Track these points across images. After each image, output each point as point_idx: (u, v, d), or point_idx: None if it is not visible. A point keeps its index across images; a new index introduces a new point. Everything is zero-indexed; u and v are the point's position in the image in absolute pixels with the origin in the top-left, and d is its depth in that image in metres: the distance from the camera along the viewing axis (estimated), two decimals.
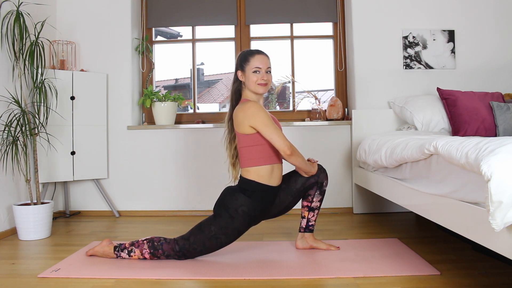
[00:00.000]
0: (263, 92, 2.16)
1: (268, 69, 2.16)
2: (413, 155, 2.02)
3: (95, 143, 3.32)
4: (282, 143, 2.02)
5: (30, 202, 2.71)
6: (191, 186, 3.41)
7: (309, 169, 2.17)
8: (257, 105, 2.07)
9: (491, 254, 1.99)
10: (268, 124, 2.03)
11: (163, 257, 2.10)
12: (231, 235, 2.05)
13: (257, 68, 2.12)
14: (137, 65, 3.58)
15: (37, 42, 2.77)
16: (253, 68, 2.12)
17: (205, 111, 3.76)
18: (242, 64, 2.16)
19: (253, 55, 2.16)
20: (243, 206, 2.03)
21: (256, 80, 2.12)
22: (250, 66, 2.13)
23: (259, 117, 2.04)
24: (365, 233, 2.70)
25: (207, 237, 2.04)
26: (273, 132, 2.03)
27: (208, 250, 2.09)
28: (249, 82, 2.13)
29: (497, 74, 3.39)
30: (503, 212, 1.25)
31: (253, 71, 2.13)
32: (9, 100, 2.69)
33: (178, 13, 3.60)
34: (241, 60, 2.17)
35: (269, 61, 2.18)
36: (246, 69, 2.14)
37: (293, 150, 2.05)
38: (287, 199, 2.20)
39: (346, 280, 1.82)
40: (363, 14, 3.38)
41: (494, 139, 1.47)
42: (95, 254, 2.20)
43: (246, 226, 2.08)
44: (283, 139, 2.03)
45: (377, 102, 3.37)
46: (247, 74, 2.14)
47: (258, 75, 2.12)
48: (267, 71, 2.15)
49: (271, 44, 3.74)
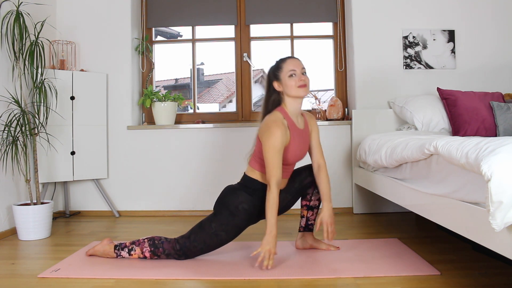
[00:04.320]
0: (305, 94, 2.09)
1: (303, 70, 2.11)
2: (413, 155, 2.02)
3: (95, 143, 3.31)
4: (270, 175, 1.96)
5: (30, 202, 2.71)
6: (191, 186, 3.41)
7: (266, 240, 1.94)
8: (274, 127, 1.98)
9: (491, 254, 1.98)
10: (270, 151, 1.97)
11: (163, 256, 2.10)
12: (231, 231, 2.06)
13: (292, 71, 2.06)
14: (137, 65, 3.58)
15: (37, 42, 2.77)
16: (288, 72, 2.07)
17: (205, 111, 3.76)
18: (276, 73, 2.11)
19: (284, 61, 2.12)
20: (243, 203, 2.05)
21: (294, 84, 2.05)
22: (284, 72, 2.08)
23: (271, 139, 1.98)
24: (365, 233, 2.70)
25: (208, 234, 2.05)
26: (269, 161, 1.97)
27: (208, 248, 2.09)
28: (288, 88, 2.07)
29: (497, 74, 3.39)
30: (503, 212, 1.25)
31: (289, 76, 2.06)
32: (9, 100, 2.69)
33: (178, 13, 3.60)
34: (274, 70, 2.12)
35: (301, 63, 2.13)
36: (281, 76, 2.09)
37: (272, 189, 1.95)
38: (285, 198, 2.21)
39: (346, 280, 1.82)
40: (363, 14, 3.38)
41: (494, 139, 1.47)
42: (95, 254, 2.20)
43: (246, 223, 2.10)
44: (273, 173, 1.95)
45: (377, 102, 3.37)
46: (283, 81, 2.08)
47: (295, 78, 2.06)
48: (302, 72, 2.10)
49: (271, 44, 3.74)
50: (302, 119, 2.19)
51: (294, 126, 2.10)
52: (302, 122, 2.18)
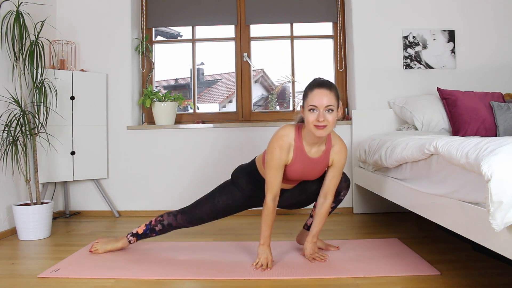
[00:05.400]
0: (320, 135, 1.86)
1: (329, 107, 1.83)
2: (413, 155, 2.02)
3: (95, 143, 3.31)
4: (267, 189, 1.97)
5: (30, 202, 2.71)
6: (191, 186, 3.41)
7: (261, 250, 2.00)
8: (276, 145, 1.93)
9: (491, 254, 1.98)
10: (269, 166, 1.96)
11: (165, 215, 2.24)
12: (224, 195, 2.15)
13: (313, 107, 1.84)
14: (137, 65, 3.58)
15: (37, 42, 2.77)
16: (308, 106, 1.86)
17: (205, 111, 3.76)
18: (303, 99, 1.92)
19: (311, 89, 1.88)
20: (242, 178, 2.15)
21: (311, 121, 1.84)
22: (307, 102, 1.87)
23: (268, 154, 1.96)
24: (365, 233, 2.70)
25: (205, 196, 2.22)
26: (267, 175, 1.98)
27: (203, 208, 2.19)
28: (306, 121, 1.88)
29: (497, 74, 3.39)
30: (503, 212, 1.25)
31: (309, 109, 1.86)
32: (9, 100, 2.69)
33: (178, 13, 3.60)
34: (304, 94, 1.93)
35: (331, 97, 1.84)
36: (305, 105, 1.89)
37: (268, 203, 1.96)
38: (300, 196, 2.21)
39: (346, 280, 1.82)
40: (363, 14, 3.38)
41: (494, 139, 1.47)
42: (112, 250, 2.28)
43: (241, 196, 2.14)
44: (269, 188, 1.96)
45: (377, 102, 3.37)
46: (305, 111, 1.88)
47: (315, 115, 1.84)
48: (327, 110, 1.84)
49: (271, 44, 3.74)
50: (322, 149, 2.01)
51: (302, 151, 1.97)
52: (320, 152, 2.01)
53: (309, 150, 1.99)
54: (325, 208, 2.10)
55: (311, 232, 2.12)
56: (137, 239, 2.27)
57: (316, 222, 2.11)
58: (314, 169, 2.04)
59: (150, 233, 2.25)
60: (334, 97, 1.86)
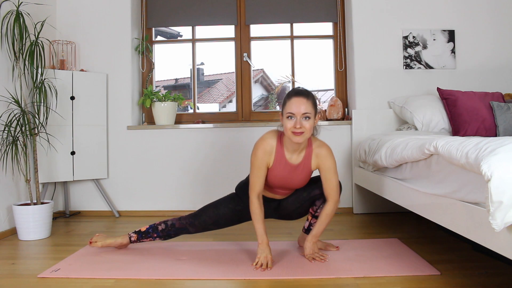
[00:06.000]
0: (298, 141, 1.94)
1: (305, 114, 1.91)
2: (413, 155, 2.02)
3: (95, 143, 3.31)
4: (251, 188, 2.06)
5: (30, 202, 2.71)
6: (191, 186, 3.41)
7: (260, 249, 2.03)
8: (259, 146, 2.04)
9: (491, 254, 1.98)
10: (252, 166, 2.06)
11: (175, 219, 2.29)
12: (229, 203, 2.22)
13: (290, 114, 1.92)
14: (137, 65, 3.58)
15: (37, 42, 2.77)
16: (286, 113, 1.94)
17: (205, 111, 3.76)
18: (282, 107, 2.00)
19: (289, 97, 1.96)
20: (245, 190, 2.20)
21: (289, 128, 1.92)
22: (285, 110, 1.95)
23: (253, 155, 2.07)
24: (365, 233, 2.70)
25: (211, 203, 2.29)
26: (251, 174, 2.08)
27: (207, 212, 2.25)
28: (284, 128, 1.96)
29: (497, 74, 3.39)
30: (503, 212, 1.25)
31: (287, 116, 1.94)
32: (9, 100, 2.69)
33: (178, 13, 3.60)
34: (283, 102, 2.00)
35: (308, 105, 1.92)
36: (283, 112, 1.97)
37: (252, 201, 2.05)
38: (293, 204, 2.25)
39: (346, 280, 1.82)
40: (363, 14, 3.38)
41: (494, 139, 1.47)
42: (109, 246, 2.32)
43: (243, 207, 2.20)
44: (252, 187, 2.05)
45: (377, 102, 3.37)
46: (283, 118, 1.97)
47: (292, 122, 1.92)
48: (304, 118, 1.92)
49: (271, 44, 3.74)
50: (302, 155, 2.08)
51: (283, 157, 2.06)
52: (300, 158, 2.08)
53: (289, 157, 2.08)
54: (325, 210, 2.12)
55: (311, 232, 2.14)
56: (138, 236, 2.30)
57: (319, 222, 2.13)
58: (297, 175, 2.11)
59: (152, 232, 2.28)
60: (311, 105, 1.95)
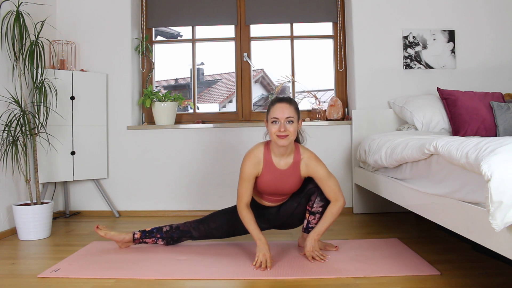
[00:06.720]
0: (283, 144, 2.02)
1: (289, 118, 2.01)
2: (413, 155, 2.02)
3: (95, 143, 3.31)
4: (238, 198, 2.13)
5: (30, 202, 2.71)
6: (191, 186, 3.41)
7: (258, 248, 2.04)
8: (246, 159, 2.12)
9: (491, 254, 1.98)
10: (240, 178, 2.13)
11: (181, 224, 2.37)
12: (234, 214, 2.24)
13: (275, 119, 2.02)
14: (137, 65, 3.58)
15: (37, 42, 2.77)
16: (271, 118, 2.04)
17: (205, 111, 3.76)
18: (266, 114, 2.10)
19: (273, 104, 2.07)
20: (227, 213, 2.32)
21: (274, 132, 2.03)
22: (270, 116, 2.05)
23: (241, 168, 2.13)
24: (365, 233, 2.70)
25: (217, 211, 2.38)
26: (239, 187, 2.14)
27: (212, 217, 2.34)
28: (269, 132, 2.07)
29: (497, 74, 3.39)
30: (503, 212, 1.25)
31: (271, 122, 2.04)
32: (9, 100, 2.69)
33: (178, 13, 3.60)
34: (267, 109, 2.11)
35: (291, 110, 2.03)
36: (268, 118, 2.07)
37: (240, 210, 2.12)
38: (291, 205, 2.28)
39: (346, 280, 1.82)
40: (363, 14, 3.38)
41: (494, 139, 1.47)
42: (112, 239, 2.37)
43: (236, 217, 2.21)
44: (240, 198, 2.12)
45: (377, 102, 3.37)
46: (268, 124, 2.07)
47: (276, 126, 2.02)
48: (288, 121, 2.02)
49: (271, 44, 3.74)
50: (290, 161, 2.14)
51: (271, 163, 2.13)
52: (288, 164, 2.14)
53: (277, 162, 2.14)
54: (330, 208, 2.15)
55: (314, 229, 2.15)
56: (141, 235, 2.34)
57: (321, 220, 2.16)
58: (286, 181, 2.16)
59: (156, 232, 2.33)
60: (294, 110, 2.05)
